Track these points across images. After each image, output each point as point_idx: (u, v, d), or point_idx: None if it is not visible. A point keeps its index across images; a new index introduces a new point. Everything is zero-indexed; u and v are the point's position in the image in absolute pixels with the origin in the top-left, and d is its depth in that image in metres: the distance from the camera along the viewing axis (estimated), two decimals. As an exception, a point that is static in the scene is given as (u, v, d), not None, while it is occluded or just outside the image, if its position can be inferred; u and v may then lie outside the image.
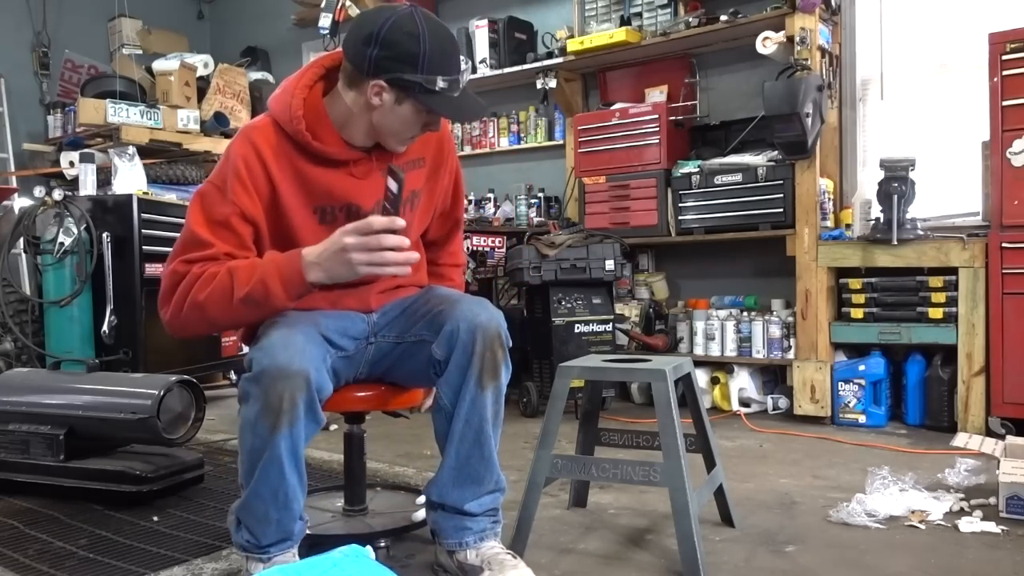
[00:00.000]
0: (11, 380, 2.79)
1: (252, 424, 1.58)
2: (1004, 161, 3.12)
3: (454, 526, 1.81)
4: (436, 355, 1.74)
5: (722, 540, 2.09)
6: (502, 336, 1.73)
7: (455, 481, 1.79)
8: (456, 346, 1.71)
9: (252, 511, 1.66)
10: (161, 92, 5.50)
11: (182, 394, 2.58)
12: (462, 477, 1.78)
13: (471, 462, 1.77)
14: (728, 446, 3.15)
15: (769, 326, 3.81)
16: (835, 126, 3.90)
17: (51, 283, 3.75)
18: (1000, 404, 3.15)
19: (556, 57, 4.51)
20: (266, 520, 1.65)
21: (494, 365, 1.71)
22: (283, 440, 1.57)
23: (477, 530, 1.81)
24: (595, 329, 3.76)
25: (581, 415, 2.33)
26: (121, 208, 3.93)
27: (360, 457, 2.08)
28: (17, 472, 2.57)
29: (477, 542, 1.80)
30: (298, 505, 1.67)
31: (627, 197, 4.18)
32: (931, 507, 2.25)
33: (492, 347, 1.70)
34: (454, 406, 1.74)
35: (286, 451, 1.59)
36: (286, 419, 1.55)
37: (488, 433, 1.75)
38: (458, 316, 1.72)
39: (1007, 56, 3.10)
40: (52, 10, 6.17)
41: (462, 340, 1.70)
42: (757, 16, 3.80)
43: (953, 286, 3.30)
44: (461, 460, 1.77)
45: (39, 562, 1.99)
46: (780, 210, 3.73)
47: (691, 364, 2.17)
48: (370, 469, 2.52)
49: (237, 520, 1.71)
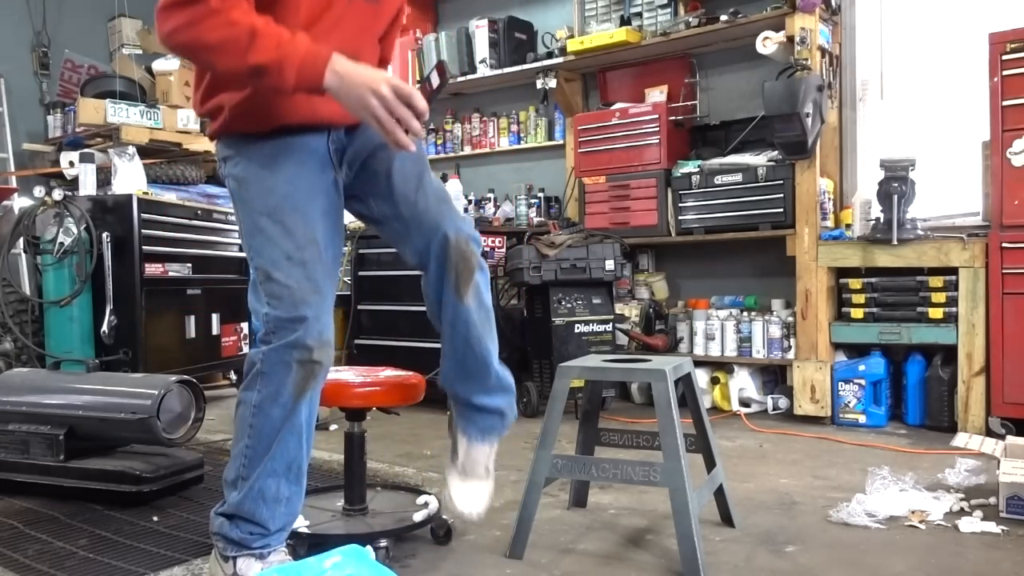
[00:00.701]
0: (11, 380, 2.79)
1: (275, 395, 1.62)
2: (1004, 161, 3.12)
3: (464, 417, 1.91)
4: (410, 259, 1.84)
5: (722, 540, 2.09)
6: (471, 242, 1.79)
7: (458, 376, 1.88)
8: (429, 261, 1.79)
9: (262, 495, 1.65)
10: (161, 92, 5.50)
11: (182, 394, 2.58)
12: (463, 373, 1.87)
13: (467, 361, 1.85)
14: (728, 446, 3.15)
15: (769, 326, 3.81)
16: (835, 126, 3.90)
17: (51, 283, 3.75)
18: (1000, 404, 3.15)
19: (556, 57, 4.52)
20: (276, 500, 1.66)
21: (468, 272, 1.77)
22: (305, 407, 1.64)
23: (482, 426, 1.90)
24: (595, 329, 3.76)
25: (581, 415, 2.33)
26: (121, 208, 3.93)
27: (360, 457, 2.08)
28: (17, 472, 2.57)
29: (480, 439, 1.90)
30: (305, 481, 1.72)
31: (627, 197, 4.18)
32: (931, 507, 2.25)
33: (464, 257, 1.77)
34: (439, 309, 1.82)
35: (305, 419, 1.65)
36: (312, 384, 1.63)
37: (476, 335, 1.81)
38: (426, 230, 1.78)
39: (1007, 56, 3.10)
40: (52, 10, 6.17)
41: (434, 253, 1.77)
42: (757, 16, 3.80)
43: (953, 286, 3.30)
44: (458, 358, 1.85)
45: (39, 562, 1.99)
46: (780, 210, 3.73)
47: (691, 364, 2.17)
48: (370, 469, 2.52)
49: (230, 516, 1.69)
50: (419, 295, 1.85)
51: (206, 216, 4.47)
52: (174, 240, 4.16)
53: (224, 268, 4.59)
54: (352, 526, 2.01)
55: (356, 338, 4.55)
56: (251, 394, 1.64)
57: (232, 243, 4.69)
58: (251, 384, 1.64)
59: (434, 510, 2.09)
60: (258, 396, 1.63)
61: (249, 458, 1.65)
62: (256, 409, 1.63)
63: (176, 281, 4.17)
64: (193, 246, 4.31)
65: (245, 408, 1.65)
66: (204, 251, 4.40)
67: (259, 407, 1.63)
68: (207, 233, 4.47)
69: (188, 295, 4.26)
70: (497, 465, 2.84)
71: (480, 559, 1.98)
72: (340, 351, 4.74)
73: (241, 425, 1.66)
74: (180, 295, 4.21)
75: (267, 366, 1.62)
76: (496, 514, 2.33)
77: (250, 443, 1.65)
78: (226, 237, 4.64)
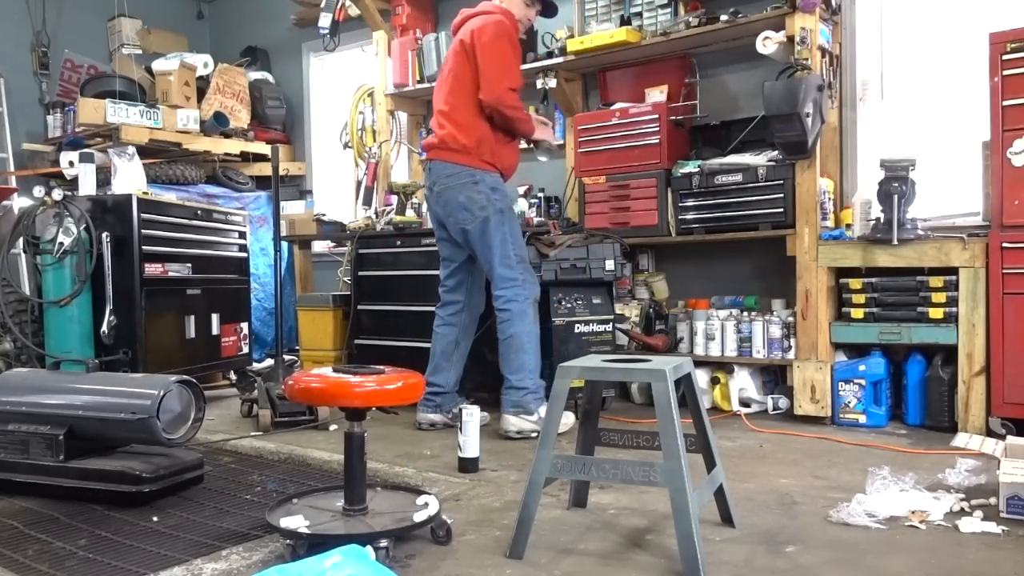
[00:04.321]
0: (11, 380, 2.79)
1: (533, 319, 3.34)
2: (1004, 161, 3.12)
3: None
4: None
5: (722, 540, 2.09)
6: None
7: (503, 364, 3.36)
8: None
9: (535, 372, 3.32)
10: (161, 92, 5.50)
11: (182, 394, 2.58)
12: (504, 363, 3.34)
13: (507, 355, 3.33)
14: (728, 446, 3.15)
15: (769, 326, 3.81)
16: (835, 126, 3.90)
17: (51, 283, 3.75)
18: (1000, 404, 3.15)
19: (556, 57, 4.51)
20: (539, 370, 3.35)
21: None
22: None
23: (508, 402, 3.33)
24: (595, 329, 3.76)
25: (581, 415, 2.33)
26: (121, 208, 3.93)
27: (360, 457, 2.08)
28: (17, 472, 2.57)
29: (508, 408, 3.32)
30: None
31: (627, 197, 4.18)
32: (931, 507, 2.25)
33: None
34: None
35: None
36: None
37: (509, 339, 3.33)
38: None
39: (1007, 56, 3.10)
40: (52, 10, 6.18)
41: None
42: (757, 16, 3.80)
43: (953, 286, 3.30)
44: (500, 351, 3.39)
45: (39, 562, 1.99)
46: (780, 210, 3.73)
47: (691, 364, 2.17)
48: (370, 469, 2.52)
49: (530, 390, 3.28)
50: (419, 295, 1.87)
51: (206, 216, 4.47)
52: (174, 240, 4.16)
53: (224, 268, 4.58)
54: (352, 526, 2.01)
55: (356, 338, 4.55)
56: (525, 313, 3.31)
57: (232, 243, 4.69)
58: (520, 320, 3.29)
59: (434, 510, 2.08)
60: (528, 318, 3.32)
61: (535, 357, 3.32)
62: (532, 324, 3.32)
63: (176, 281, 4.17)
64: (193, 246, 4.31)
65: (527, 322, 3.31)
66: (204, 251, 4.40)
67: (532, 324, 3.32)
68: (207, 233, 4.46)
69: (188, 295, 4.26)
70: (497, 465, 2.86)
71: (480, 559, 1.98)
72: (340, 351, 4.75)
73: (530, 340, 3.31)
74: (180, 295, 4.21)
75: (520, 306, 3.29)
76: (496, 514, 2.33)
77: (528, 342, 3.30)
78: (226, 237, 4.64)
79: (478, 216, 3.31)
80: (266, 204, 5.81)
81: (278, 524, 1.97)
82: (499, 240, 3.30)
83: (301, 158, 6.47)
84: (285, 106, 6.33)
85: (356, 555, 1.45)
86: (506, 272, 3.30)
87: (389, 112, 5.34)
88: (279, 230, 4.11)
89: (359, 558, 1.45)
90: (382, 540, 1.91)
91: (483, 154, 3.32)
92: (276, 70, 6.54)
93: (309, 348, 4.88)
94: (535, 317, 3.33)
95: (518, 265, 3.32)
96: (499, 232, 3.30)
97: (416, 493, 2.26)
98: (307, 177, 6.43)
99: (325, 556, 1.41)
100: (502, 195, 3.36)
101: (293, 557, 1.90)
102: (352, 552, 1.46)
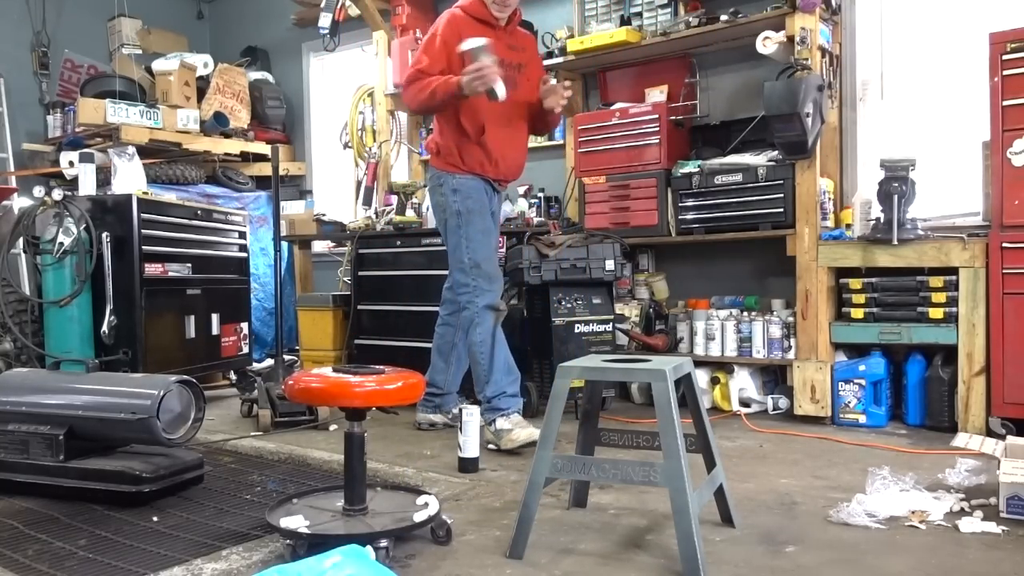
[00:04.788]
0: (11, 380, 2.79)
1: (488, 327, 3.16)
2: (1004, 161, 3.12)
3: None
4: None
5: (722, 540, 2.09)
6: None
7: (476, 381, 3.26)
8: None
9: (500, 380, 3.15)
10: (161, 92, 5.50)
11: (182, 394, 2.58)
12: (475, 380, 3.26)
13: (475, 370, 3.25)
14: (728, 446, 3.15)
15: (769, 326, 3.80)
16: (835, 126, 3.90)
17: (51, 283, 3.75)
18: (1000, 404, 3.15)
19: (556, 57, 4.51)
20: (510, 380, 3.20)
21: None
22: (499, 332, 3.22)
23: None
24: (595, 329, 3.76)
25: (581, 415, 2.33)
26: (120, 208, 3.93)
27: (360, 457, 2.08)
28: (17, 472, 2.57)
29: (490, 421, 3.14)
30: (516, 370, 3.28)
31: (627, 197, 4.18)
32: (931, 507, 2.25)
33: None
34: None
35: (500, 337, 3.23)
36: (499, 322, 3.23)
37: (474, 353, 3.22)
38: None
39: (1007, 56, 3.10)
40: (52, 10, 6.18)
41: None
42: (757, 16, 3.80)
43: (953, 286, 3.30)
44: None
45: (39, 562, 1.99)
46: (780, 210, 3.73)
47: (691, 364, 2.16)
48: (370, 469, 2.52)
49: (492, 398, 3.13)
50: (419, 295, 1.87)
51: (206, 216, 4.46)
52: (174, 240, 4.16)
53: (224, 268, 4.58)
54: (352, 526, 2.01)
55: (356, 338, 4.55)
56: (483, 323, 3.15)
57: (232, 243, 4.69)
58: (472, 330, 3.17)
59: (434, 510, 2.08)
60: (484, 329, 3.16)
61: (488, 368, 3.14)
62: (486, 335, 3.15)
63: (176, 281, 4.17)
64: (193, 246, 4.31)
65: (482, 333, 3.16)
66: (204, 251, 4.40)
67: (487, 335, 3.15)
68: (207, 233, 4.46)
69: (188, 295, 4.26)
70: (497, 465, 2.86)
71: (480, 559, 1.98)
72: (340, 351, 4.75)
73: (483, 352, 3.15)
74: (180, 295, 4.21)
75: (480, 314, 3.15)
76: (496, 514, 2.33)
77: (485, 359, 3.15)
78: (226, 237, 4.64)
79: (441, 219, 3.31)
80: (266, 204, 5.82)
81: (278, 524, 1.97)
82: (453, 244, 3.24)
83: (301, 158, 6.47)
84: (285, 106, 6.33)
85: (356, 555, 1.46)
86: (460, 277, 3.23)
87: (389, 112, 5.34)
88: (279, 230, 4.11)
89: (359, 558, 1.45)
90: (382, 540, 1.91)
91: (448, 156, 3.24)
92: (276, 70, 6.54)
93: (309, 348, 4.88)
94: (492, 324, 3.16)
95: (472, 270, 3.17)
96: (455, 235, 3.23)
97: (416, 493, 2.26)
98: (307, 177, 6.43)
99: (325, 556, 1.41)
100: (463, 197, 3.21)
101: (293, 557, 1.90)
102: (352, 552, 1.46)
